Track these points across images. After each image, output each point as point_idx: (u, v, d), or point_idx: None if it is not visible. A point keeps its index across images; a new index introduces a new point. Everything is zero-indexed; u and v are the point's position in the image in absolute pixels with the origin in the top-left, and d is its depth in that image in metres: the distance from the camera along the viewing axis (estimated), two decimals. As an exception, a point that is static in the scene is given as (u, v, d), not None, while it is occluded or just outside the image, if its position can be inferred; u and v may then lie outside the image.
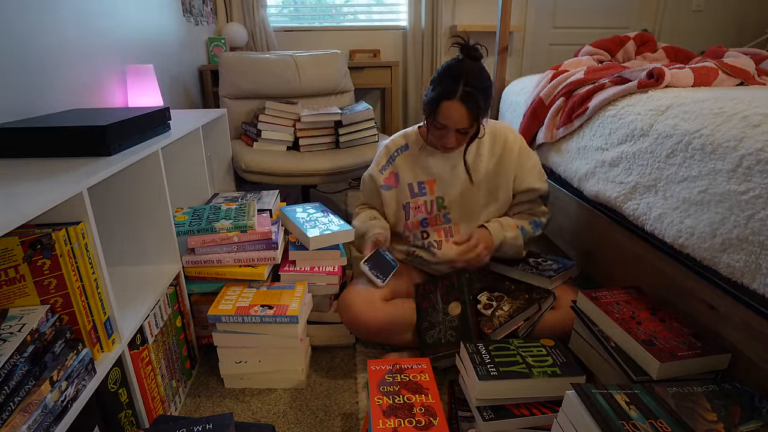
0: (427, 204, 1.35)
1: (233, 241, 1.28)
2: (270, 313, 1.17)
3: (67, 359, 0.76)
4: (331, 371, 1.30)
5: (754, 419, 0.75)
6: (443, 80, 1.18)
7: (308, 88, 2.34)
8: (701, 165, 0.97)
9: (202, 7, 2.59)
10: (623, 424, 0.70)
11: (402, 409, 0.91)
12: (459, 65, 1.18)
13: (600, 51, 1.97)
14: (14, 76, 1.14)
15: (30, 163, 0.93)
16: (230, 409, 1.18)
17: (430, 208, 1.35)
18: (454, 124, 1.19)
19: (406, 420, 0.88)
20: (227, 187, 1.93)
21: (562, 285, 1.29)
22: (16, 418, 0.65)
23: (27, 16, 1.19)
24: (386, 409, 0.91)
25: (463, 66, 1.17)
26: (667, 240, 1.06)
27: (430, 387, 0.97)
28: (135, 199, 1.15)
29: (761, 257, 0.82)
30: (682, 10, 3.21)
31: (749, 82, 1.43)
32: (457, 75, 1.16)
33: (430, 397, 0.94)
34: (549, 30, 3.18)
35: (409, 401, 0.93)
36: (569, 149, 1.52)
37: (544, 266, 1.32)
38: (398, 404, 0.92)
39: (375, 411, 0.90)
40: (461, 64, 1.18)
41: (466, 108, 1.16)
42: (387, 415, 0.89)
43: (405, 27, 2.97)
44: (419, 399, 0.93)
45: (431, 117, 1.22)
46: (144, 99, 1.62)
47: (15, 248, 0.75)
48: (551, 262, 1.34)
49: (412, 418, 0.88)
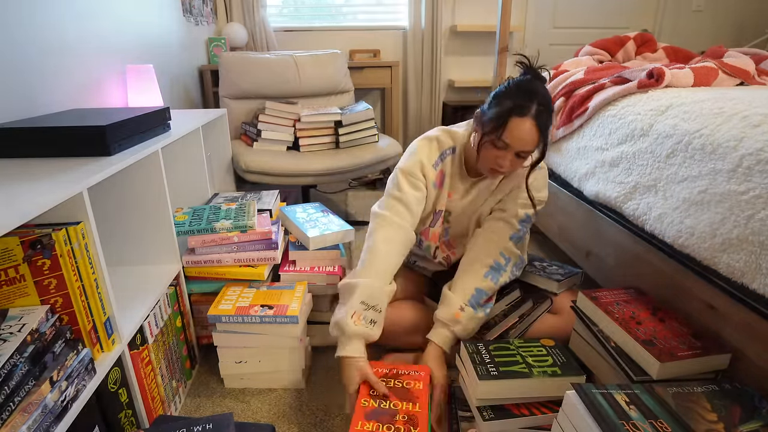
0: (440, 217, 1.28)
1: (233, 241, 1.28)
2: (270, 313, 1.17)
3: (67, 359, 0.76)
4: (331, 371, 1.30)
5: (754, 419, 0.75)
6: (514, 95, 1.06)
7: (308, 88, 2.34)
8: (701, 165, 0.97)
9: (202, 7, 2.59)
10: (623, 424, 0.70)
11: (385, 414, 0.91)
12: (530, 83, 1.07)
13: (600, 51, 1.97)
14: (14, 76, 1.14)
15: (30, 163, 0.93)
16: (230, 409, 1.18)
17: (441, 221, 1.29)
18: (520, 144, 1.05)
19: (385, 426, 0.88)
20: (227, 187, 1.93)
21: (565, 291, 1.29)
22: (16, 418, 0.65)
23: (27, 16, 1.19)
24: (369, 412, 0.91)
25: (534, 84, 1.07)
26: (667, 240, 1.06)
27: (420, 396, 0.96)
28: (135, 199, 1.15)
29: (761, 257, 0.82)
30: (682, 10, 3.21)
31: (749, 82, 1.43)
32: (530, 92, 1.05)
33: (417, 407, 0.93)
34: (549, 30, 3.18)
35: (395, 408, 0.93)
36: (569, 149, 1.52)
37: (551, 270, 1.32)
38: (383, 409, 0.92)
39: (358, 412, 0.91)
40: (532, 83, 1.07)
41: (537, 127, 1.04)
42: (368, 418, 0.90)
43: (405, 27, 2.97)
44: (405, 407, 0.93)
45: (493, 134, 1.07)
46: (144, 99, 1.62)
47: (15, 248, 0.75)
48: (557, 267, 1.34)
49: (392, 425, 0.88)
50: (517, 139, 1.05)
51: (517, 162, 1.10)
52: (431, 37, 2.93)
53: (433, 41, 2.93)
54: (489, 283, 1.17)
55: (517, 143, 1.05)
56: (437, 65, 2.97)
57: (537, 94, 1.05)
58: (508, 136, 1.05)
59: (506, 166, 1.09)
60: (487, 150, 1.10)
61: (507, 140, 1.05)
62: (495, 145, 1.08)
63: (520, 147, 1.06)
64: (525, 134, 1.04)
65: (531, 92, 1.05)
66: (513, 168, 1.12)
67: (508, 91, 1.08)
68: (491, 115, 1.08)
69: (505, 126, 1.05)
